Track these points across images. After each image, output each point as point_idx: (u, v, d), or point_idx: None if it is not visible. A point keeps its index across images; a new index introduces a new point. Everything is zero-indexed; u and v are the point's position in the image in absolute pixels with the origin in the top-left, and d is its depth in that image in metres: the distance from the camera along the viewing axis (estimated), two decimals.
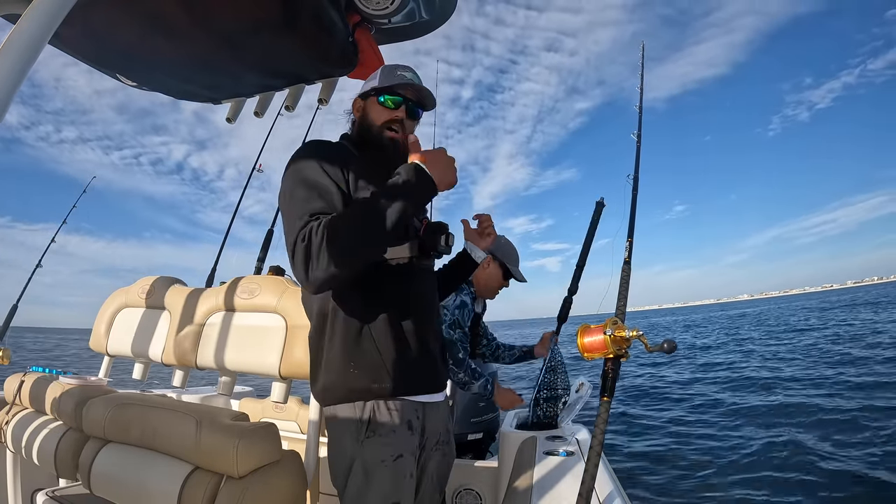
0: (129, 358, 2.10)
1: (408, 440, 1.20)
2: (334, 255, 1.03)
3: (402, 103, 1.35)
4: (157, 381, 3.25)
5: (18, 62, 0.64)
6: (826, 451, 5.01)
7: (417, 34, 1.78)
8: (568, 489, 1.35)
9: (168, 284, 2.06)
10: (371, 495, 1.14)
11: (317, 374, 1.25)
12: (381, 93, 1.35)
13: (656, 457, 5.53)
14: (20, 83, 0.64)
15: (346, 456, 1.17)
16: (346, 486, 1.17)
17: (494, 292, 2.43)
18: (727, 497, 4.27)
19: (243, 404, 2.69)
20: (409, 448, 1.19)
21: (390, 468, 1.15)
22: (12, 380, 1.99)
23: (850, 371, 9.54)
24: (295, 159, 1.22)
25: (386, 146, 1.33)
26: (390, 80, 1.35)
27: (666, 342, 1.07)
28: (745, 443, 5.69)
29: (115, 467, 1.40)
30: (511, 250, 2.40)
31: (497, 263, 2.36)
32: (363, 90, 1.41)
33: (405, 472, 1.17)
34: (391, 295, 1.23)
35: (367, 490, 1.14)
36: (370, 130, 1.35)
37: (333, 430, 1.22)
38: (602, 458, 1.16)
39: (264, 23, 1.48)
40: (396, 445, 1.17)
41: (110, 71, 1.73)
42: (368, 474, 1.14)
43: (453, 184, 1.18)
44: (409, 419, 1.21)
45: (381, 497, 1.13)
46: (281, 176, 1.22)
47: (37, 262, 4.00)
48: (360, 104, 1.40)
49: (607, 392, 1.11)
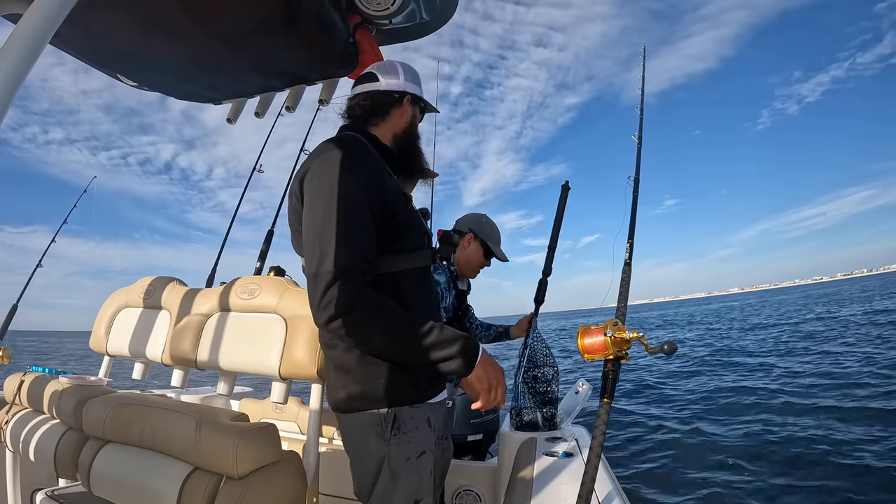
0: (129, 358, 2.10)
1: (428, 437, 1.20)
2: (355, 334, 1.05)
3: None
4: (157, 381, 3.25)
5: (19, 62, 0.64)
6: (821, 443, 5.01)
7: (418, 35, 1.78)
8: (567, 490, 1.35)
9: (168, 284, 2.06)
10: (398, 493, 1.13)
11: (339, 382, 1.20)
12: (429, 105, 1.35)
13: (655, 455, 5.53)
14: (21, 83, 0.64)
15: (374, 457, 1.14)
16: (374, 488, 1.15)
17: (475, 271, 2.39)
18: (726, 497, 4.27)
19: (243, 405, 2.68)
20: (429, 445, 1.20)
21: (415, 465, 1.14)
22: (12, 379, 1.99)
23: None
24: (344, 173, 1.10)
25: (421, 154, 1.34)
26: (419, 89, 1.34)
27: (666, 344, 1.07)
28: (742, 438, 5.68)
29: (115, 467, 1.40)
30: (492, 229, 2.39)
31: (478, 242, 2.34)
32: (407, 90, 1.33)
33: (428, 469, 1.17)
34: (415, 302, 1.21)
35: (394, 488, 1.13)
36: (416, 140, 1.32)
37: (357, 435, 1.18)
38: (602, 459, 1.16)
39: (265, 23, 1.48)
40: (420, 443, 1.17)
41: (111, 71, 1.73)
42: (395, 473, 1.13)
43: (480, 392, 1.17)
44: (429, 416, 1.21)
45: (408, 494, 1.13)
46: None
47: (37, 262, 4.00)
48: (411, 111, 1.34)
49: (607, 393, 1.11)
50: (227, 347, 1.65)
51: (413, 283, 1.23)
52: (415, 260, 1.24)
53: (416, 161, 1.32)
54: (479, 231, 2.35)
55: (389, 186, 1.17)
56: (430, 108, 1.41)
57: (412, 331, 1.08)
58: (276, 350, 1.52)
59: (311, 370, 1.45)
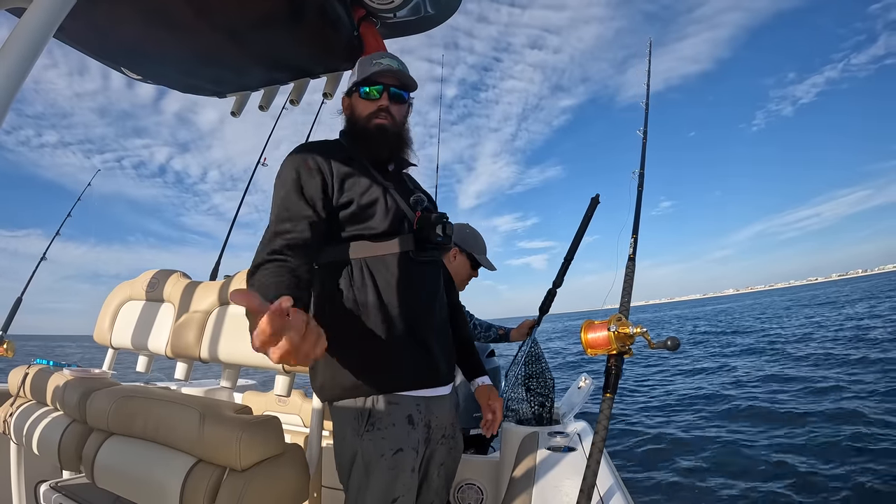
0: (133, 351, 2.11)
1: (408, 435, 1.19)
2: None
3: (384, 90, 1.33)
4: (161, 373, 3.26)
5: (24, 55, 0.64)
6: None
7: (423, 28, 1.77)
8: (570, 485, 1.35)
9: (172, 277, 2.07)
10: (371, 489, 1.14)
11: (314, 370, 1.28)
12: (361, 85, 1.34)
13: (654, 454, 5.54)
14: (25, 76, 0.64)
15: (349, 450, 1.18)
16: (349, 480, 1.18)
17: (464, 283, 2.36)
18: (726, 496, 4.28)
19: (247, 397, 2.69)
20: (409, 443, 1.19)
21: (389, 462, 1.15)
22: (16, 372, 2.00)
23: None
24: (281, 168, 1.26)
25: (373, 135, 1.32)
26: (367, 70, 1.33)
27: (669, 339, 1.06)
28: (736, 437, 5.69)
29: (119, 459, 1.41)
30: (476, 239, 2.35)
31: (464, 255, 2.31)
32: (347, 87, 1.41)
33: (406, 467, 1.17)
34: (384, 290, 1.23)
35: (367, 484, 1.15)
36: (358, 124, 1.35)
37: (336, 425, 1.23)
38: (604, 454, 1.16)
39: (269, 16, 1.47)
40: (396, 440, 1.17)
41: (115, 64, 1.73)
42: (368, 468, 1.15)
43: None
44: (410, 413, 1.21)
45: (381, 491, 1.14)
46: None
47: (41, 256, 4.00)
48: (346, 102, 1.40)
49: (610, 389, 1.11)
50: (231, 340, 1.66)
51: (386, 270, 1.24)
52: (388, 246, 1.25)
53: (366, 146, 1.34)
54: (464, 243, 2.31)
55: (338, 164, 1.27)
56: (365, 82, 1.37)
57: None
58: None
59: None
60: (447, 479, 1.37)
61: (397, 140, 1.36)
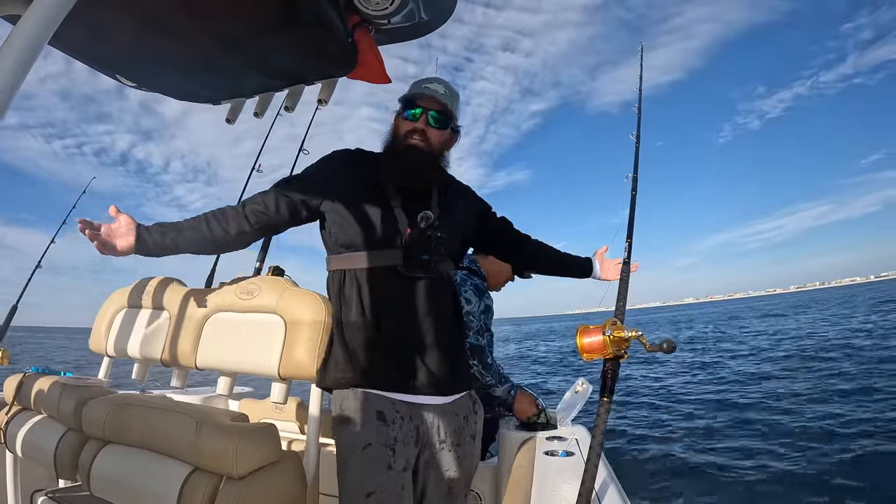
0: (129, 358, 2.10)
1: (378, 431, 1.22)
2: None
3: (422, 113, 1.43)
4: (157, 381, 3.25)
5: (18, 63, 0.64)
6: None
7: (417, 34, 1.78)
8: (568, 489, 1.35)
9: (167, 285, 2.06)
10: (346, 483, 1.22)
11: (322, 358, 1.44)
12: (404, 107, 1.46)
13: (653, 455, 5.53)
14: (20, 83, 0.64)
15: (336, 445, 1.28)
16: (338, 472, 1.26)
17: (500, 286, 2.44)
18: (727, 500, 4.27)
19: (243, 405, 2.68)
20: (381, 439, 1.22)
21: (360, 457, 1.20)
22: (11, 380, 1.99)
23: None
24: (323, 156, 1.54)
25: (401, 154, 1.42)
26: (412, 92, 1.46)
27: (665, 342, 1.06)
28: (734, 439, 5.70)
29: (115, 468, 1.40)
30: None
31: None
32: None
33: (380, 463, 1.20)
34: (366, 299, 1.33)
35: (344, 476, 1.23)
36: (394, 140, 1.47)
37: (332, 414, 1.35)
38: (602, 458, 1.16)
39: (264, 23, 1.48)
40: (364, 435, 1.21)
41: (109, 71, 1.73)
42: (343, 461, 1.23)
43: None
44: (381, 410, 1.25)
45: (354, 484, 1.19)
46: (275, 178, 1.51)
47: (36, 263, 3.99)
48: (394, 119, 1.53)
49: (607, 392, 1.11)
50: (227, 348, 1.65)
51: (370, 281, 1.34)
52: (374, 259, 1.34)
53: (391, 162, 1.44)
54: None
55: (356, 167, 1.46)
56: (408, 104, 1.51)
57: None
58: (276, 350, 1.52)
59: (311, 370, 1.45)
60: (453, 488, 1.36)
61: (431, 162, 1.44)
